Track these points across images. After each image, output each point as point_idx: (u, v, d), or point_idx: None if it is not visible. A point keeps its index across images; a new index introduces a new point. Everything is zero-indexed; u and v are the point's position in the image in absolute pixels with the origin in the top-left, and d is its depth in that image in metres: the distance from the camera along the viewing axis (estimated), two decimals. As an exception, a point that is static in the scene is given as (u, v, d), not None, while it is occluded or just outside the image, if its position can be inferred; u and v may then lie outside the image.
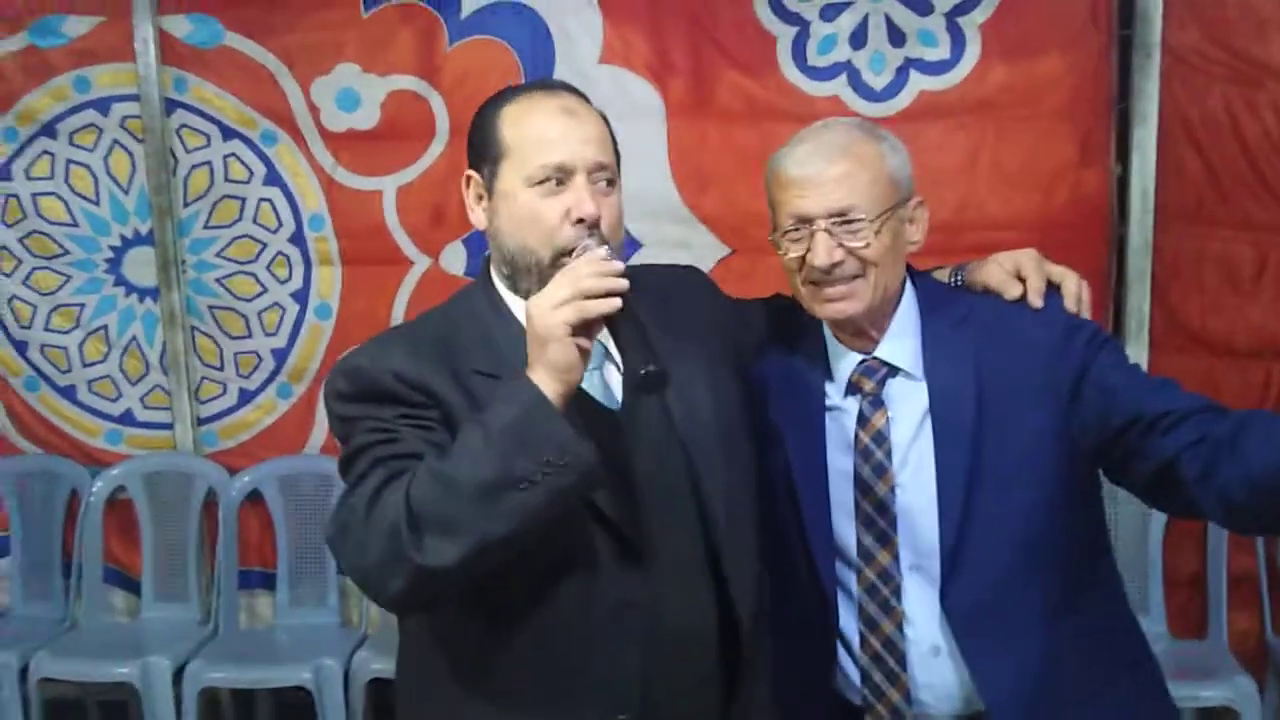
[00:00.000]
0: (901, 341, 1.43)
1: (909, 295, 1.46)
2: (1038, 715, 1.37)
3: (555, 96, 1.35)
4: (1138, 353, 2.79)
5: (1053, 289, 1.45)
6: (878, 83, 2.88)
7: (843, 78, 2.88)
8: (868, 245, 1.37)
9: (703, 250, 2.96)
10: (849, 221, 1.36)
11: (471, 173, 1.37)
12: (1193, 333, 2.84)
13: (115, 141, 3.12)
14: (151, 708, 2.77)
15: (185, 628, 3.05)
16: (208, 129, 3.09)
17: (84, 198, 3.14)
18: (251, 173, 3.09)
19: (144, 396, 3.21)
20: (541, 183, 1.29)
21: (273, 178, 3.09)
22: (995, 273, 1.47)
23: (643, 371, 1.16)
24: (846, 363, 1.45)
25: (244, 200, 3.11)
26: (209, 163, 3.10)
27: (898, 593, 1.40)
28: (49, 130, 3.12)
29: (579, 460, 1.15)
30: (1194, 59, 2.75)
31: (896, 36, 2.85)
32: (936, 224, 2.77)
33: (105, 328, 3.20)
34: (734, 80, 2.91)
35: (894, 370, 1.43)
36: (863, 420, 1.42)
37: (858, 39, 2.86)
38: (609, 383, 1.33)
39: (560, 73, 2.94)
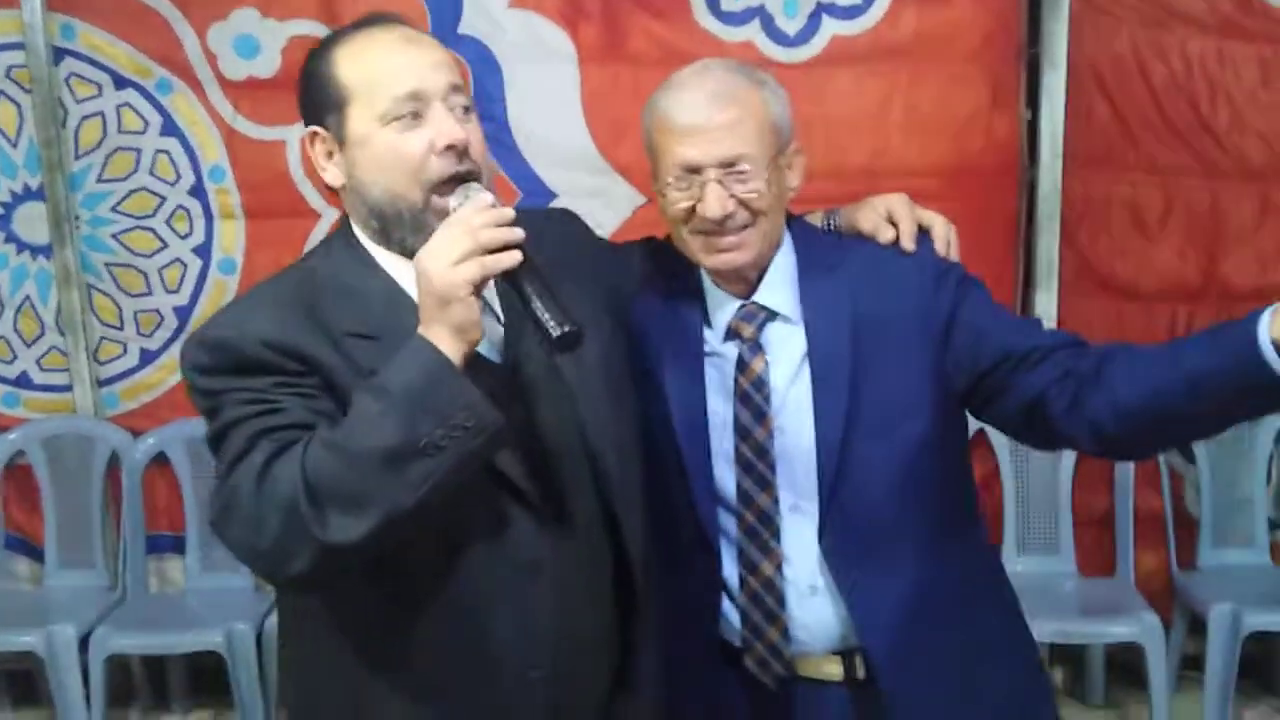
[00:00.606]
0: (779, 287, 1.43)
1: (786, 241, 1.46)
2: (909, 648, 1.40)
3: (391, 28, 1.27)
4: (1047, 297, 2.83)
5: (923, 233, 1.46)
6: (790, 28, 2.84)
7: (756, 23, 2.84)
8: (758, 194, 1.35)
9: (618, 200, 2.92)
10: (739, 171, 1.34)
11: (315, 129, 1.27)
12: (1101, 276, 2.88)
13: (1, 92, 2.97)
14: (58, 677, 2.69)
15: (91, 594, 2.95)
16: (99, 78, 2.95)
17: (-23, 147, 3.00)
18: (147, 123, 2.96)
19: (40, 358, 3.08)
20: (398, 118, 1.21)
21: (169, 128, 2.96)
22: (869, 217, 1.47)
23: (565, 329, 1.11)
24: (725, 308, 1.44)
25: (139, 152, 2.98)
26: (101, 113, 2.96)
27: (777, 534, 1.40)
28: (-62, 80, 2.96)
29: (486, 421, 1.10)
30: (1103, 2, 2.77)
31: (809, -20, 2.82)
32: (852, 170, 2.86)
33: (-4, 286, 3.07)
34: (646, 25, 2.86)
35: (772, 315, 1.43)
36: (742, 365, 1.42)
37: (771, -17, 2.83)
38: (490, 336, 1.26)
39: (469, 17, 2.87)
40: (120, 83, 2.95)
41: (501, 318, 1.28)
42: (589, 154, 2.90)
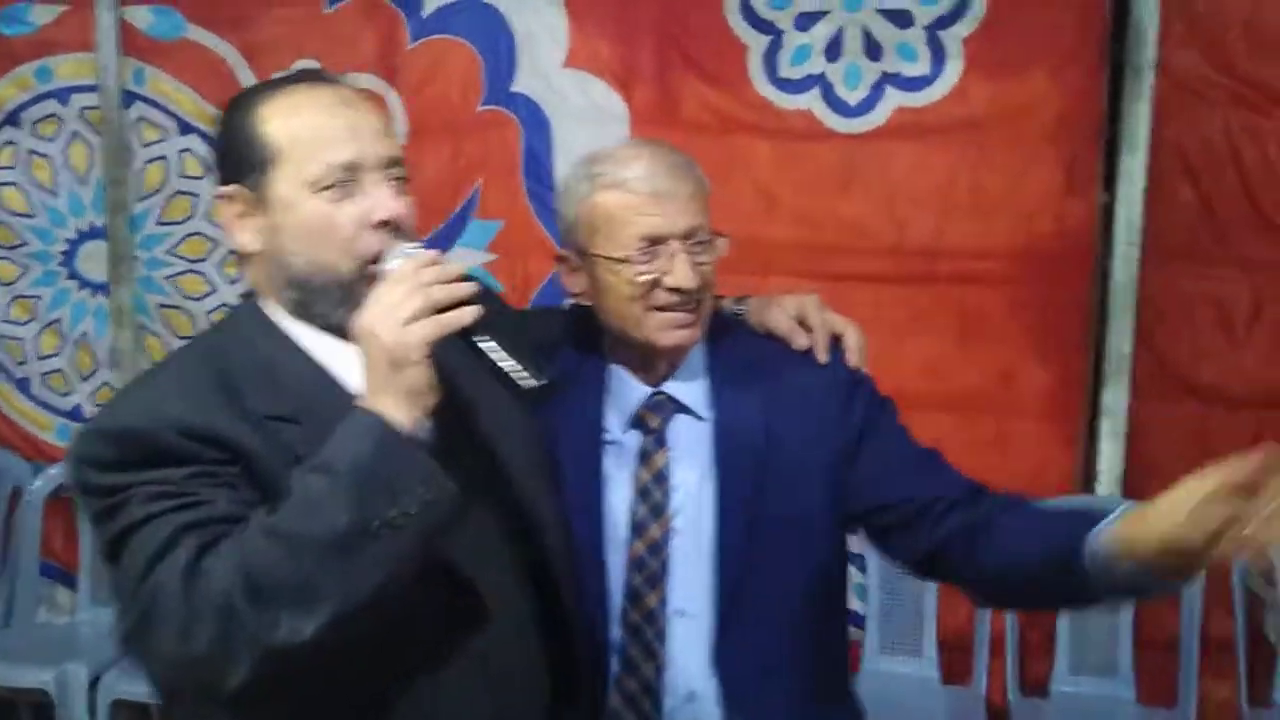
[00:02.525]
0: (691, 379, 1.39)
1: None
2: None
3: (328, 88, 1.18)
4: (1116, 395, 2.61)
5: (834, 340, 1.44)
6: (852, 98, 2.71)
7: (815, 91, 2.72)
8: (710, 268, 1.35)
9: (663, 267, 2.83)
10: (700, 241, 1.34)
11: (228, 188, 1.18)
12: (1180, 378, 2.64)
13: (75, 132, 3.05)
14: (67, 714, 2.69)
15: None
16: (165, 122, 3.02)
17: (43, 189, 3.08)
18: (206, 168, 3.01)
19: (93, 393, 3.14)
20: (329, 186, 1.12)
21: (228, 175, 3.00)
22: (780, 318, 1.42)
23: (539, 383, 1.05)
24: (632, 396, 1.39)
25: (197, 197, 3.03)
26: (165, 157, 3.03)
27: (660, 636, 1.35)
28: (13, 119, 3.06)
29: (443, 494, 1.02)
30: (1193, 82, 2.56)
31: (874, 49, 2.69)
32: (911, 249, 2.70)
33: (59, 321, 3.14)
34: (701, 91, 2.77)
35: (680, 408, 1.39)
36: (644, 457, 1.37)
37: (833, 51, 2.70)
38: None
39: (524, 76, 2.84)
40: (185, 128, 3.01)
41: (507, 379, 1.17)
42: (635, 219, 2.81)
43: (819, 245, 2.76)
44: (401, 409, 1.02)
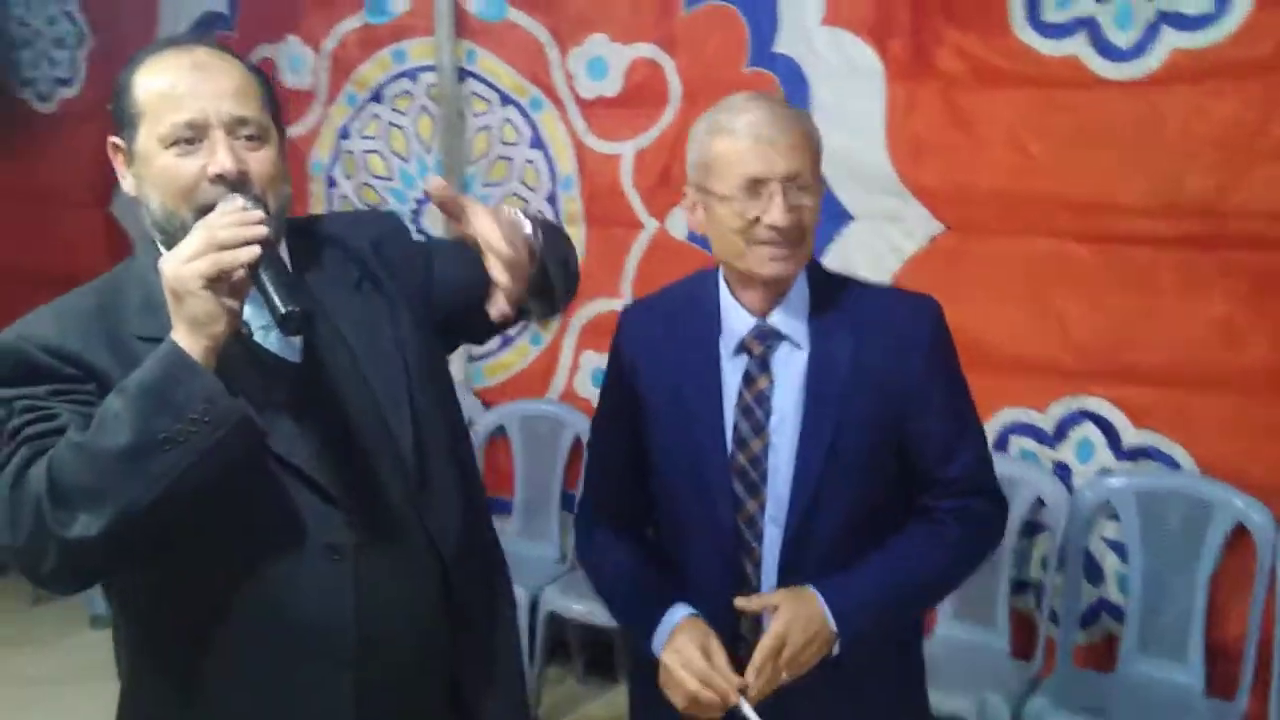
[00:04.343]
0: (792, 313, 1.53)
1: (803, 274, 1.55)
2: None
3: (187, 52, 1.29)
4: None
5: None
6: (1123, 40, 2.48)
7: (1082, 35, 2.52)
8: (811, 210, 1.48)
9: (913, 224, 2.78)
10: (800, 186, 1.46)
11: (115, 139, 1.32)
12: None
13: (422, 106, 3.55)
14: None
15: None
16: (490, 96, 3.42)
17: (398, 156, 3.63)
18: (520, 136, 3.38)
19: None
20: (175, 143, 1.24)
21: (536, 141, 3.35)
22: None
23: (289, 309, 1.15)
24: (740, 325, 1.53)
25: (513, 161, 3.41)
26: (489, 127, 3.44)
27: (759, 538, 1.51)
28: (377, 96, 3.63)
29: (225, 414, 1.13)
30: None
31: (1149, -14, 2.43)
32: (1189, 207, 2.45)
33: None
34: (958, 40, 2.66)
35: (781, 338, 1.52)
36: (749, 380, 1.52)
37: (1103, -10, 2.48)
38: (290, 338, 1.31)
39: (784, 35, 2.89)
40: (505, 100, 3.39)
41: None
42: (886, 175, 2.78)
43: (1084, 203, 2.57)
44: (188, 336, 1.13)
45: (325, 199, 3.82)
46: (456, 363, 3.56)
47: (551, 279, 1.33)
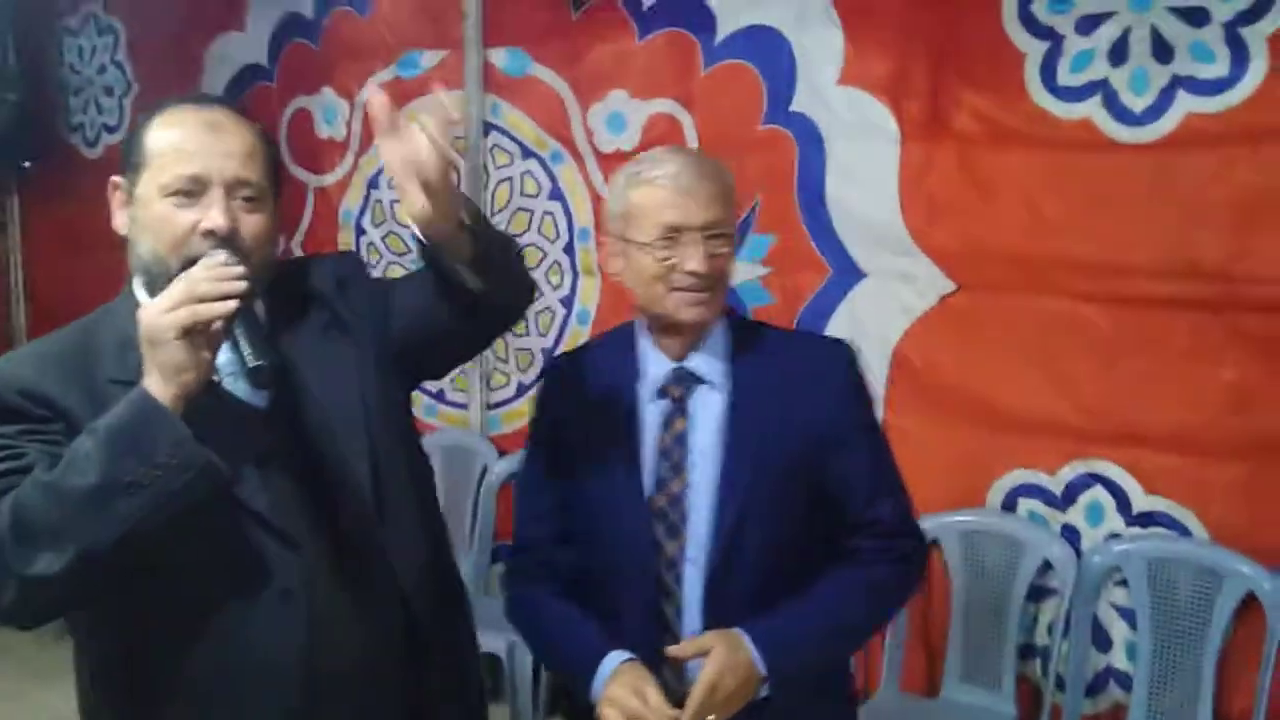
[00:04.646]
0: (711, 356, 1.57)
1: (723, 320, 1.60)
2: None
3: (204, 110, 1.35)
4: None
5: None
6: (1138, 104, 2.49)
7: (1097, 98, 2.53)
8: (727, 259, 1.53)
9: (925, 283, 2.78)
10: (717, 235, 1.51)
11: (117, 178, 1.38)
12: None
13: (448, 158, 3.62)
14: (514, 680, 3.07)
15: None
16: (512, 149, 3.48)
17: (424, 205, 3.69)
18: (540, 188, 3.43)
19: (454, 378, 3.69)
20: (175, 193, 1.30)
21: (555, 193, 3.40)
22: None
23: (258, 363, 1.19)
24: (658, 369, 1.57)
25: (532, 213, 3.46)
26: (510, 178, 3.50)
27: (679, 580, 1.52)
28: (406, 148, 3.70)
29: (191, 460, 1.16)
30: None
31: (1163, 51, 2.45)
32: (1207, 271, 2.42)
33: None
34: (974, 102, 2.68)
35: (699, 380, 1.56)
36: (666, 422, 1.55)
37: (1118, 54, 2.50)
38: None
39: (801, 93, 2.93)
40: (526, 154, 3.46)
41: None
42: (899, 234, 2.79)
43: (1096, 265, 2.56)
44: (159, 383, 1.17)
45: (354, 247, 3.89)
46: (474, 411, 3.60)
47: (488, 253, 1.35)
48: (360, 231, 3.85)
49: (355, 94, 3.81)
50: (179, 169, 1.30)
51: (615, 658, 1.48)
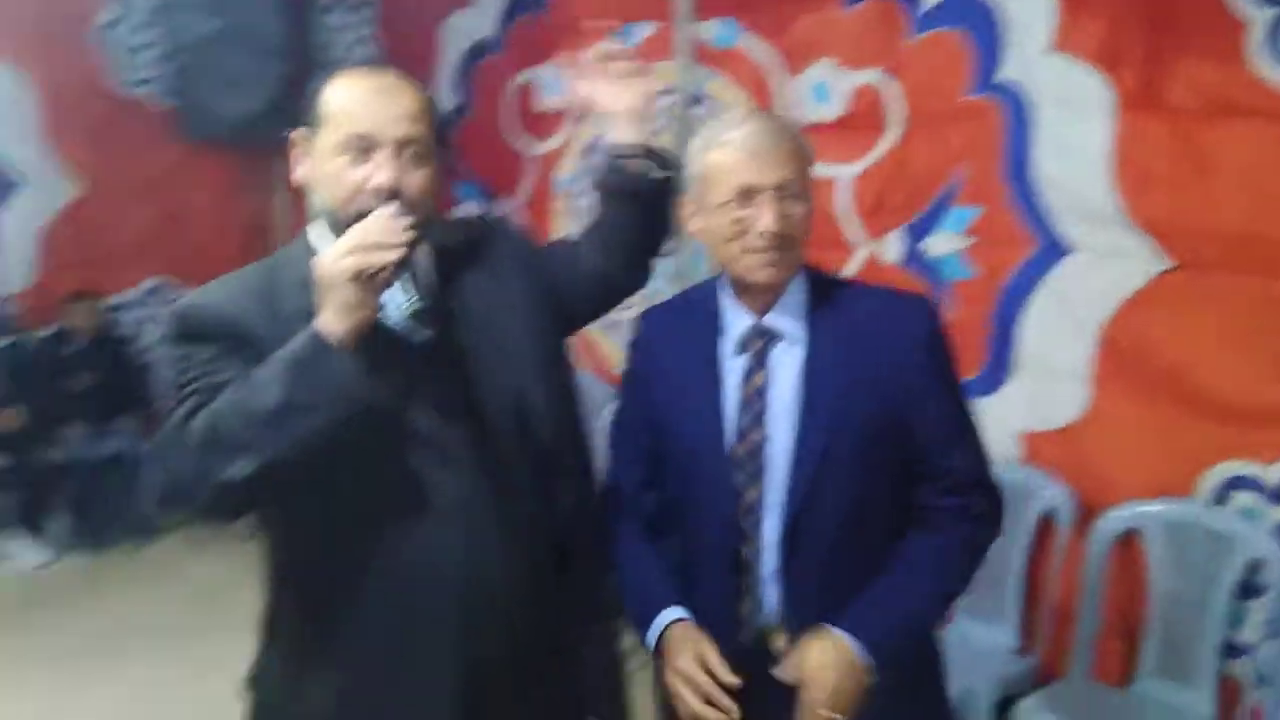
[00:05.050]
0: (789, 312, 1.59)
1: (801, 275, 1.61)
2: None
3: (375, 76, 1.47)
4: None
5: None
6: (1379, 71, 2.28)
7: (1329, 66, 2.34)
8: (799, 218, 1.55)
9: (1137, 260, 2.66)
10: (789, 195, 1.53)
11: (298, 132, 1.50)
12: None
13: (661, 129, 3.72)
14: None
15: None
16: (719, 118, 3.54)
17: (635, 174, 3.81)
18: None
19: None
20: (348, 151, 1.42)
21: (760, 163, 3.43)
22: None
23: (415, 308, 1.35)
24: (739, 324, 1.61)
25: (737, 182, 3.50)
26: (716, 148, 3.55)
27: (757, 526, 1.57)
28: (620, 118, 3.83)
29: (358, 388, 1.32)
30: None
31: None
32: None
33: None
34: (1191, 72, 2.53)
35: (777, 336, 1.59)
36: (746, 376, 1.59)
37: (1357, 18, 2.30)
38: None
39: (1009, 61, 2.84)
40: (732, 123, 3.50)
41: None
42: (1111, 209, 2.67)
43: (1328, 245, 2.37)
44: (333, 319, 1.32)
45: (568, 211, 4.07)
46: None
47: (665, 162, 1.64)
48: (572, 197, 4.02)
49: (575, 66, 3.96)
50: (351, 128, 1.43)
51: (668, 615, 1.57)
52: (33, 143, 4.85)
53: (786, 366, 1.58)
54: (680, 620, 1.56)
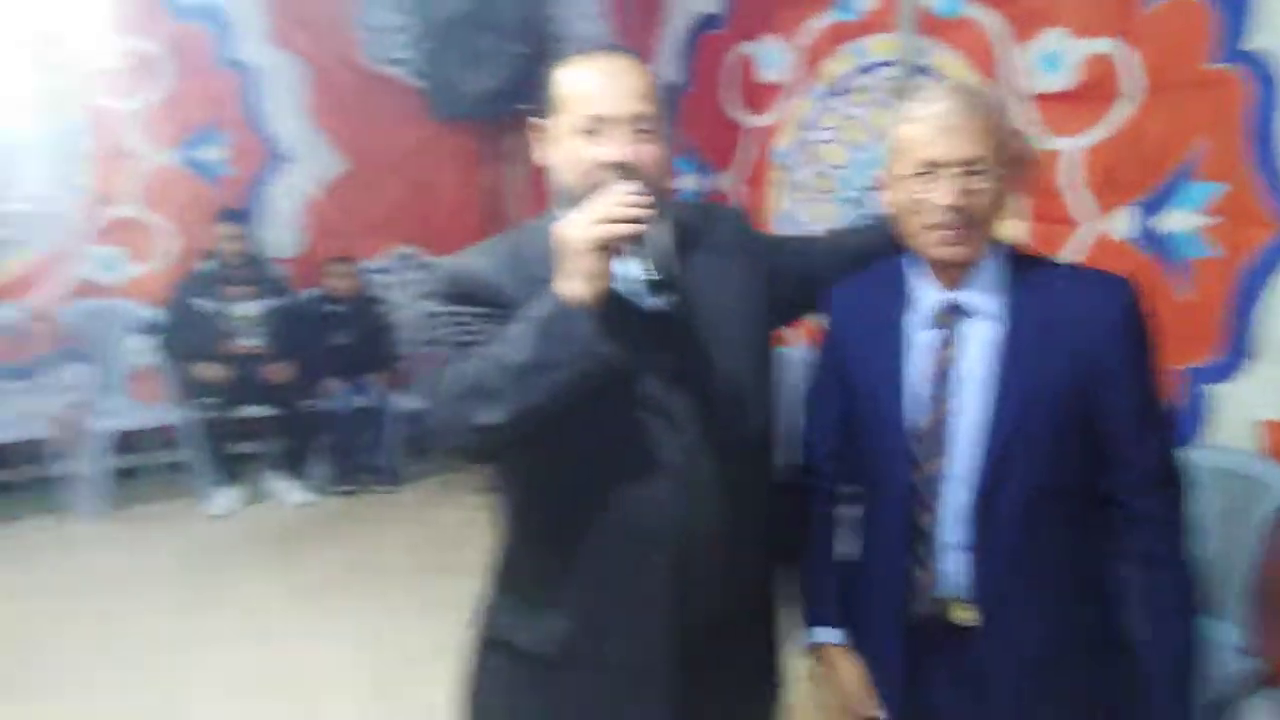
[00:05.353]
0: (981, 289, 1.58)
1: (1001, 251, 1.60)
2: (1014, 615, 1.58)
3: (605, 59, 1.57)
4: None
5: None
6: None
7: None
8: (983, 194, 1.53)
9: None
10: (972, 171, 1.52)
11: (536, 120, 1.61)
12: None
13: (879, 100, 3.69)
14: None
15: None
16: (941, 90, 3.47)
17: (853, 146, 3.81)
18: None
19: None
20: (582, 131, 1.52)
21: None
22: None
23: (651, 278, 1.42)
24: (927, 299, 1.62)
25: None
26: (936, 120, 3.49)
27: (936, 495, 1.58)
28: (838, 89, 3.83)
29: (596, 349, 1.43)
30: None
31: None
32: None
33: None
34: None
35: (966, 312, 1.59)
36: (935, 351, 1.60)
37: None
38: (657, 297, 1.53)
39: (1259, 31, 2.65)
40: (954, 95, 3.43)
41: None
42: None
43: None
44: (577, 286, 1.42)
45: (783, 185, 4.10)
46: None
47: None
48: (789, 170, 4.05)
49: (795, 38, 3.98)
50: (585, 110, 1.53)
51: (833, 634, 1.69)
52: (302, 121, 5.32)
53: (977, 342, 1.58)
54: (841, 646, 1.68)
